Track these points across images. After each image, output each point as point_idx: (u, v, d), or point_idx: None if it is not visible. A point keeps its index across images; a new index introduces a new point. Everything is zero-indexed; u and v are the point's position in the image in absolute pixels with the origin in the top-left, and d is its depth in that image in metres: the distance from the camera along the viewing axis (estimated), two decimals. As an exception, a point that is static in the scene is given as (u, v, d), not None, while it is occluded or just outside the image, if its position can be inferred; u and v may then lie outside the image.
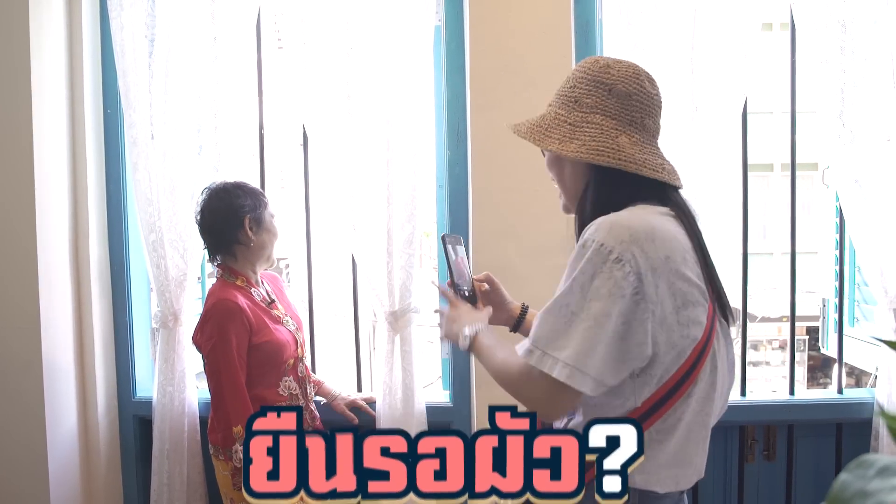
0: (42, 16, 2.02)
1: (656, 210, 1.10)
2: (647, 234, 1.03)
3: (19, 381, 2.02)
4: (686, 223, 1.12)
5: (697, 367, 1.07)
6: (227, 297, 1.77)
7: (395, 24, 1.98)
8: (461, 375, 2.11)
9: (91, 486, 2.18)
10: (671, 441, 1.07)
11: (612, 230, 1.03)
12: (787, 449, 2.10)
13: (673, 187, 1.15)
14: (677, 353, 1.04)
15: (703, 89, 1.94)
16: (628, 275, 1.00)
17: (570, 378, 1.00)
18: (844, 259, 2.22)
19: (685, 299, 1.04)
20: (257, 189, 1.91)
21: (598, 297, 1.01)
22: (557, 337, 1.02)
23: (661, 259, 1.02)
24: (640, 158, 1.10)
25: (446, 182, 2.10)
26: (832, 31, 1.91)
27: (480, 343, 1.20)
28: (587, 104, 1.12)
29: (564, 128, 1.13)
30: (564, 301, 1.04)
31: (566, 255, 1.97)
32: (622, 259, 1.00)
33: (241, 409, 1.73)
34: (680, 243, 1.07)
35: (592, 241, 1.03)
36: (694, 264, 1.08)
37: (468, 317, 1.26)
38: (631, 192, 1.11)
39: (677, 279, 1.03)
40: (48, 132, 2.04)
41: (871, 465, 0.50)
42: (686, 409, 1.08)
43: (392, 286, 2.03)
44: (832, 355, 2.11)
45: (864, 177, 1.93)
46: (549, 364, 1.02)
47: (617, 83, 1.11)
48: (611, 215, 1.06)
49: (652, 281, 1.01)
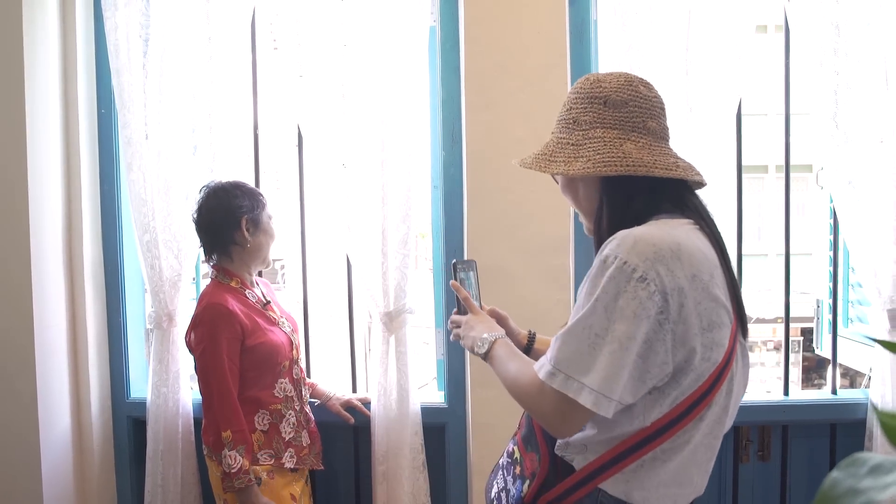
0: (36, 15, 2.01)
1: (679, 223, 1.07)
2: (673, 252, 0.99)
3: (12, 382, 2.01)
4: (710, 233, 1.08)
5: (713, 391, 1.04)
6: (218, 300, 1.76)
7: (390, 24, 1.98)
8: (456, 376, 2.11)
9: (85, 487, 2.17)
10: (675, 461, 1.05)
11: (635, 247, 0.99)
12: (782, 449, 2.10)
13: (690, 190, 1.13)
14: (696, 376, 1.01)
15: (698, 90, 1.94)
16: (653, 294, 0.97)
17: (596, 405, 0.97)
18: (839, 260, 2.22)
19: (710, 321, 1.00)
20: (256, 190, 1.90)
21: (623, 319, 0.97)
22: (581, 359, 0.99)
23: (687, 278, 0.99)
24: (650, 160, 1.07)
25: (441, 182, 2.10)
26: (826, 32, 1.92)
27: (496, 351, 1.17)
28: (585, 121, 1.11)
29: (568, 149, 1.12)
30: (587, 322, 0.99)
31: (561, 255, 2.00)
32: (647, 278, 0.97)
33: (230, 414, 1.72)
34: (707, 258, 1.03)
35: (615, 258, 0.99)
36: (721, 280, 1.04)
37: (487, 325, 1.24)
38: (647, 200, 1.09)
39: (704, 298, 1.00)
40: (42, 132, 2.03)
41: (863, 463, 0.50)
42: (696, 431, 1.05)
43: (387, 287, 2.03)
44: (826, 356, 2.12)
45: (857, 178, 1.94)
46: (574, 388, 0.98)
47: (610, 94, 1.10)
48: (633, 230, 1.03)
49: (677, 300, 0.97)
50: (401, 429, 2.03)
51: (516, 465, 1.18)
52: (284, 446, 1.83)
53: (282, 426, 1.83)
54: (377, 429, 2.04)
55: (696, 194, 1.15)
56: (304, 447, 1.88)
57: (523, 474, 1.15)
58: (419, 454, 2.04)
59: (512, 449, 1.22)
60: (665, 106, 1.15)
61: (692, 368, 1.00)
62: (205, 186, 1.87)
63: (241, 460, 1.69)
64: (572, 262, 2.01)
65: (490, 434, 2.01)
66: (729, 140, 2.00)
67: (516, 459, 1.19)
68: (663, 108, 1.15)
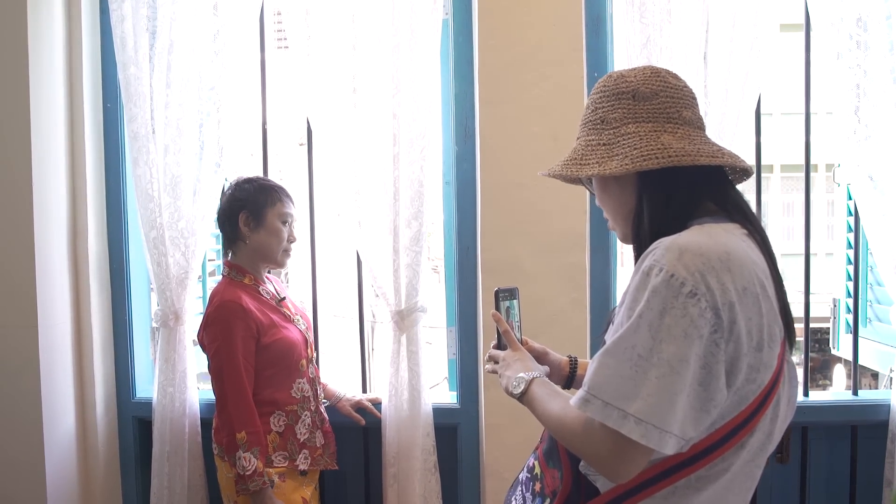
0: (40, 6, 1.97)
1: (725, 227, 0.98)
2: (723, 262, 0.90)
3: (17, 381, 1.97)
4: (759, 237, 1.00)
5: (758, 416, 0.94)
6: (232, 298, 1.72)
7: (403, 17, 1.94)
8: (468, 376, 2.07)
9: (89, 488, 2.13)
10: (710, 489, 0.95)
11: (682, 257, 0.89)
12: (802, 451, 2.06)
13: (731, 185, 1.06)
14: (739, 398, 0.92)
15: (717, 85, 1.90)
16: (705, 311, 0.87)
17: (646, 437, 0.86)
18: (858, 258, 2.18)
19: (761, 338, 0.91)
20: (275, 187, 1.84)
21: (672, 339, 0.87)
22: (622, 385, 0.88)
23: (738, 291, 0.89)
24: (692, 150, 0.99)
25: (454, 178, 2.06)
26: (848, 26, 1.88)
27: (534, 392, 1.06)
28: (615, 119, 1.04)
29: (600, 150, 1.04)
30: (629, 342, 0.89)
31: (576, 253, 1.96)
32: (697, 293, 0.87)
33: (245, 415, 1.68)
34: (758, 268, 0.94)
35: (660, 270, 0.89)
36: (772, 291, 0.95)
37: (525, 363, 1.14)
38: (689, 196, 1.01)
39: (755, 314, 0.91)
40: (46, 126, 1.99)
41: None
42: (736, 459, 0.95)
43: (398, 285, 1.99)
44: (833, 356, 2.08)
45: (878, 173, 1.90)
46: (615, 418, 0.88)
47: (639, 87, 1.04)
48: (677, 237, 0.93)
49: (729, 316, 0.88)
50: (412, 429, 1.99)
51: (536, 482, 1.10)
52: (299, 447, 1.79)
53: (297, 427, 1.79)
54: (388, 430, 2.00)
55: (738, 191, 1.07)
56: (318, 448, 1.84)
57: (543, 492, 1.07)
58: (431, 455, 2.00)
59: (532, 464, 1.13)
60: (696, 95, 1.08)
61: (736, 390, 0.91)
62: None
63: (256, 462, 1.66)
64: (588, 259, 1.97)
65: (504, 435, 1.97)
66: (748, 135, 1.95)
67: (537, 475, 1.10)
68: (695, 97, 1.07)
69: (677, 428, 0.87)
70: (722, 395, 0.89)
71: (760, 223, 1.04)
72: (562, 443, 1.00)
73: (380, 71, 1.97)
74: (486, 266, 1.98)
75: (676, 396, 0.87)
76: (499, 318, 1.21)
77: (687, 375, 0.87)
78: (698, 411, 0.89)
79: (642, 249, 0.99)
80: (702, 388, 0.88)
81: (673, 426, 0.87)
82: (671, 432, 0.87)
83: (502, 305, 1.22)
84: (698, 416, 0.89)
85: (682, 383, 0.87)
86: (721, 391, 0.89)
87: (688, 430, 0.88)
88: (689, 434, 0.89)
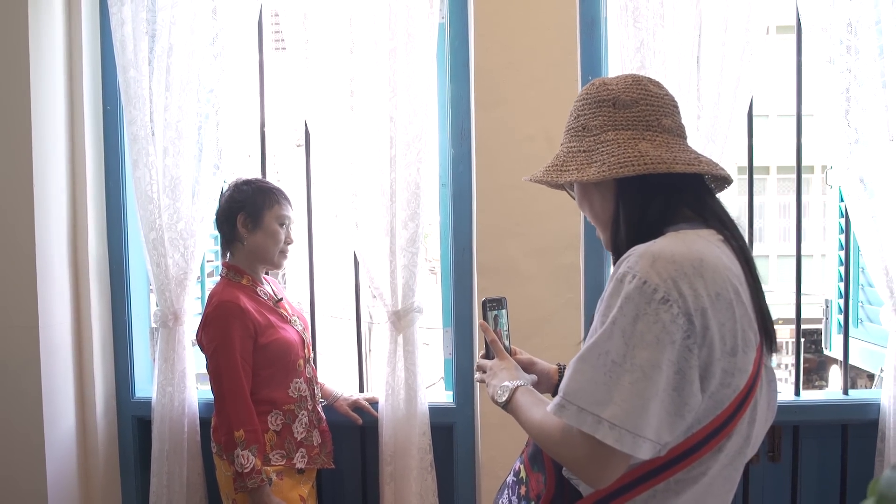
0: (41, 11, 2.00)
1: (701, 233, 0.99)
2: (696, 268, 0.91)
3: (17, 381, 1.99)
4: (735, 244, 1.01)
5: (734, 420, 0.95)
6: (230, 298, 1.74)
7: (399, 21, 1.96)
8: (464, 376, 2.09)
9: (89, 487, 2.15)
10: (689, 492, 0.96)
11: (655, 264, 0.91)
12: (793, 450, 2.08)
13: (710, 193, 1.07)
14: (715, 402, 0.93)
15: (710, 88, 1.93)
16: (677, 317, 0.88)
17: (620, 441, 0.87)
18: (849, 260, 2.21)
19: (735, 343, 0.92)
20: (273, 189, 1.86)
21: (644, 345, 0.88)
22: (596, 390, 0.89)
23: (710, 297, 0.90)
24: (669, 157, 1.00)
25: (450, 180, 2.08)
26: (839, 31, 1.90)
27: (518, 400, 1.08)
28: (595, 126, 1.05)
29: (580, 157, 1.05)
30: (603, 348, 0.90)
31: (571, 254, 1.98)
32: (669, 299, 0.89)
33: (243, 414, 1.70)
34: (732, 274, 0.95)
35: (633, 277, 0.91)
36: (747, 296, 0.96)
37: (510, 372, 1.16)
38: (666, 203, 1.02)
39: (728, 319, 0.92)
40: (47, 128, 2.02)
41: (915, 461, 0.48)
42: (714, 463, 0.96)
43: (395, 285, 2.02)
44: (829, 357, 2.10)
45: (868, 176, 1.92)
46: (589, 423, 0.89)
47: (619, 95, 1.05)
48: (650, 244, 0.95)
49: (701, 322, 0.89)
50: (409, 428, 2.02)
51: (522, 486, 1.11)
52: (296, 446, 1.81)
53: (294, 426, 1.81)
54: (385, 429, 2.03)
55: (716, 199, 1.08)
56: (315, 447, 1.87)
57: (528, 496, 1.08)
58: (427, 454, 2.03)
59: (518, 467, 1.15)
60: (678, 104, 1.09)
61: (711, 394, 0.92)
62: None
63: (254, 460, 1.68)
64: (582, 261, 2.00)
65: (499, 434, 1.99)
66: (740, 137, 1.98)
67: (522, 479, 1.12)
68: (676, 105, 1.08)
69: (652, 433, 0.88)
70: (696, 399, 0.90)
71: (738, 230, 1.04)
72: (544, 449, 1.02)
73: (377, 74, 1.99)
74: (482, 267, 2.01)
75: (650, 402, 0.88)
76: (486, 327, 1.23)
77: (660, 381, 0.88)
78: (673, 416, 0.90)
79: (619, 255, 1.00)
80: (676, 392, 0.89)
81: (647, 431, 0.88)
82: (645, 437, 0.88)
83: (490, 315, 1.24)
84: (673, 420, 0.90)
85: (654, 388, 0.88)
86: (695, 396, 0.90)
87: (663, 434, 0.90)
88: (665, 438, 0.90)
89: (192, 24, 2.01)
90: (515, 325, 1.30)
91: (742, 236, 1.04)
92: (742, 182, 2.08)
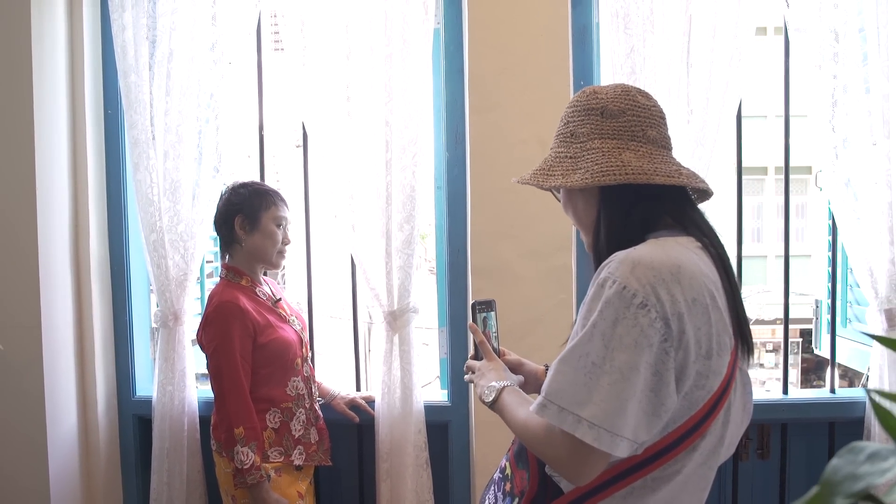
0: (44, 17, 2.04)
1: (679, 241, 1.02)
2: (673, 275, 0.95)
3: (20, 379, 2.03)
4: (714, 251, 1.04)
5: (708, 420, 0.99)
6: (229, 299, 1.78)
7: (395, 27, 2.00)
8: (459, 375, 2.13)
9: (91, 484, 2.19)
10: (664, 490, 1.00)
11: (634, 270, 0.94)
12: (781, 447, 2.13)
13: (692, 204, 1.11)
14: (689, 403, 0.97)
15: (699, 92, 1.97)
16: (655, 321, 0.92)
17: (598, 440, 0.91)
18: (837, 261, 2.25)
19: (710, 347, 0.96)
20: (269, 191, 1.90)
21: (623, 348, 0.92)
22: (577, 391, 0.93)
23: (688, 302, 0.94)
24: (650, 168, 1.04)
25: (445, 183, 2.12)
26: (824, 38, 1.94)
27: (504, 400, 1.12)
28: (583, 134, 1.09)
29: (566, 163, 1.09)
30: (583, 350, 0.94)
31: (563, 255, 2.02)
32: (647, 304, 0.92)
33: (243, 411, 1.74)
34: (709, 280, 0.98)
35: (613, 282, 0.94)
36: (723, 302, 1.00)
37: (498, 372, 1.20)
38: (647, 211, 1.06)
39: (704, 324, 0.95)
40: (49, 133, 2.06)
41: (860, 450, 0.53)
42: (689, 461, 1.00)
43: (391, 286, 2.05)
44: (825, 356, 2.14)
45: (854, 180, 1.97)
46: (570, 422, 0.93)
47: (607, 104, 1.08)
48: (630, 251, 0.99)
49: (678, 326, 0.93)
50: (404, 426, 2.05)
51: (507, 482, 1.15)
52: (294, 443, 1.85)
53: (292, 424, 1.86)
54: (381, 426, 2.06)
55: (697, 208, 1.12)
56: (312, 444, 1.91)
57: (513, 492, 1.12)
58: (423, 452, 2.07)
59: (504, 465, 1.19)
60: (665, 115, 1.13)
61: (686, 395, 0.96)
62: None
63: (254, 456, 1.72)
64: (574, 262, 2.04)
65: (492, 432, 2.03)
66: (729, 140, 2.02)
67: (507, 476, 1.16)
68: (663, 117, 1.12)
69: (629, 432, 0.92)
70: (672, 400, 0.94)
71: (717, 237, 1.08)
72: (528, 447, 1.06)
73: (373, 79, 2.03)
74: (476, 268, 2.05)
75: (627, 402, 0.91)
76: (475, 329, 1.27)
77: (637, 382, 0.92)
78: (650, 416, 0.93)
79: (600, 259, 1.04)
80: (653, 393, 0.93)
81: (625, 430, 0.91)
82: (623, 436, 0.91)
83: (479, 317, 1.28)
84: (650, 420, 0.94)
85: (632, 389, 0.91)
86: (671, 396, 0.94)
87: (640, 433, 0.93)
88: (642, 438, 0.94)
89: (193, 31, 2.05)
90: (509, 325, 1.34)
91: (721, 244, 1.08)
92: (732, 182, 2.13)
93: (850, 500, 0.50)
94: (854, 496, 0.50)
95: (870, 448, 0.52)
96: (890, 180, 1.91)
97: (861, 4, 1.94)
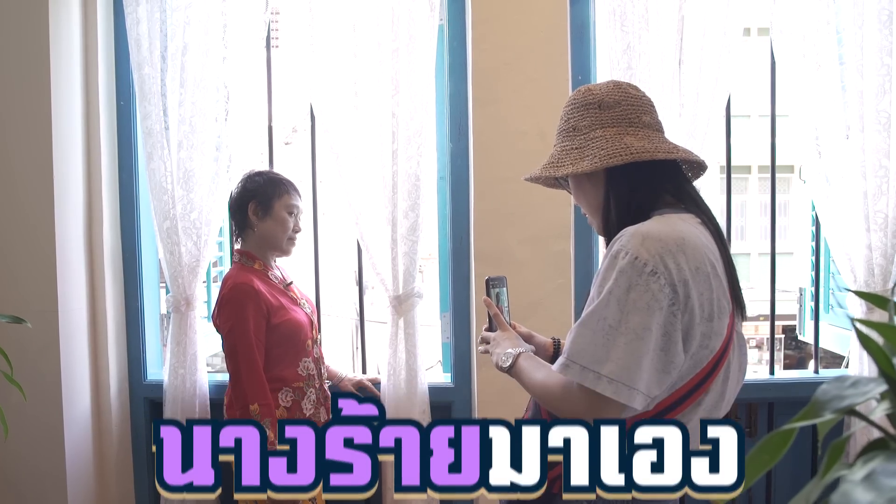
0: (60, 12, 2.10)
1: (681, 217, 1.14)
2: (679, 246, 1.05)
3: (37, 364, 2.09)
4: (711, 227, 1.16)
5: (711, 377, 1.10)
6: (244, 280, 1.85)
7: (402, 23, 2.08)
8: (462, 358, 2.22)
9: (104, 465, 2.25)
10: None
11: (644, 242, 1.05)
12: (768, 425, 2.24)
13: (688, 180, 1.22)
14: (694, 362, 1.07)
15: (690, 87, 2.07)
16: (664, 287, 1.03)
17: (617, 393, 1.01)
18: (821, 250, 2.37)
19: (711, 310, 1.06)
20: (282, 179, 1.97)
21: (637, 311, 1.02)
22: (596, 351, 1.03)
23: (691, 270, 1.05)
24: (651, 147, 1.15)
25: (448, 173, 2.21)
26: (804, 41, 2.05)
27: (521, 364, 1.20)
28: (584, 126, 1.20)
29: (573, 153, 1.19)
30: (601, 314, 1.05)
31: (562, 241, 2.12)
32: (657, 271, 1.03)
33: (257, 388, 1.82)
34: (709, 251, 1.09)
35: (626, 253, 1.05)
36: (721, 270, 1.11)
37: (513, 341, 1.28)
38: (649, 188, 1.17)
39: (706, 289, 1.06)
40: (65, 124, 2.12)
41: (846, 379, 0.63)
42: (694, 415, 1.10)
43: (396, 272, 2.14)
44: (808, 353, 2.25)
45: (831, 172, 2.08)
46: (591, 379, 1.03)
47: (603, 98, 1.20)
48: (640, 226, 1.09)
49: (684, 292, 1.04)
50: (409, 407, 2.14)
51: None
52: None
53: (303, 403, 1.93)
54: (387, 407, 2.14)
55: (693, 185, 1.24)
56: (322, 423, 1.98)
57: None
58: (427, 431, 2.14)
59: None
60: (654, 104, 1.25)
61: (692, 355, 1.07)
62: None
63: (269, 432, 1.79)
64: (573, 248, 2.13)
65: (494, 411, 2.11)
66: (718, 136, 2.12)
67: None
68: (653, 105, 1.24)
69: (644, 386, 1.02)
70: (680, 358, 1.05)
71: (711, 212, 1.19)
72: (545, 406, 1.15)
73: (380, 73, 2.11)
74: (479, 255, 2.14)
75: (642, 359, 1.02)
76: (489, 303, 1.36)
77: (650, 341, 1.02)
78: (660, 372, 1.04)
79: (610, 237, 1.14)
80: (663, 352, 1.04)
81: (640, 384, 1.02)
82: (638, 389, 1.02)
83: (493, 292, 1.37)
84: (660, 376, 1.05)
85: (646, 348, 1.02)
86: (679, 355, 1.05)
87: (653, 388, 1.04)
88: (654, 392, 1.05)
89: (207, 25, 2.11)
90: (511, 307, 1.43)
91: (715, 218, 1.19)
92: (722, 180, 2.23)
93: (836, 414, 0.59)
94: (839, 412, 0.59)
95: (854, 377, 0.62)
96: (865, 171, 2.02)
97: (839, 5, 2.04)
